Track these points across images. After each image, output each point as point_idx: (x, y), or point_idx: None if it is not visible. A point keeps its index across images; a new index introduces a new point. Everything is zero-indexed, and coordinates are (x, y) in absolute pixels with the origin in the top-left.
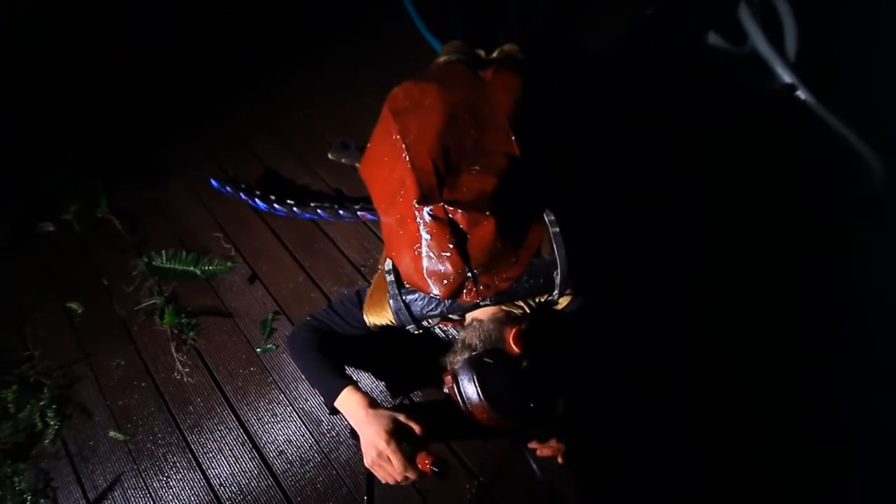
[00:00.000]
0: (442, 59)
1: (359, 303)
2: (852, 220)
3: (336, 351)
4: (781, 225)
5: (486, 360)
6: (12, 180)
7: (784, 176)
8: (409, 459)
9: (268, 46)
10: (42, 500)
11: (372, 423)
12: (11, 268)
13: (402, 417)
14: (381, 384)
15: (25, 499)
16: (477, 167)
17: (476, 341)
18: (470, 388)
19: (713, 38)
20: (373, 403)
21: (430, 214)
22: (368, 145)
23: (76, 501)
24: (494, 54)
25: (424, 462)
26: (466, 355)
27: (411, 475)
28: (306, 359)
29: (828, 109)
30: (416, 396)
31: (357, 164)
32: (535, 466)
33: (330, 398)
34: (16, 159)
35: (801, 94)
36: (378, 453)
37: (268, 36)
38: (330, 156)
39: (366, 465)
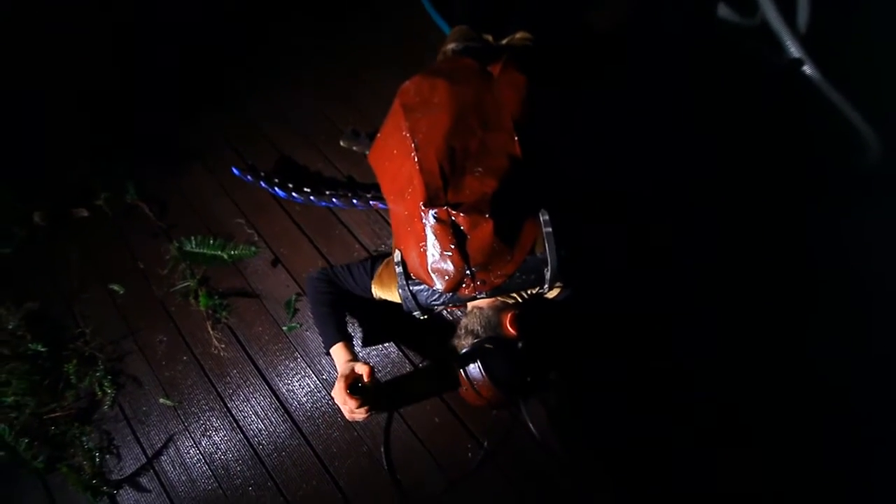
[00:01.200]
0: (450, 46)
1: (371, 273)
2: (851, 197)
3: (346, 306)
4: (780, 204)
5: (486, 346)
6: (44, 168)
7: (784, 152)
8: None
9: (274, 28)
10: (108, 457)
11: (346, 365)
12: (54, 252)
13: (357, 367)
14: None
15: (94, 455)
16: (480, 168)
17: (477, 327)
18: (475, 372)
19: (722, 10)
20: (351, 358)
21: (434, 217)
22: (378, 135)
23: (137, 457)
24: (504, 41)
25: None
26: (470, 340)
27: (351, 404)
28: (318, 309)
29: (832, 86)
30: (418, 361)
31: (367, 152)
32: (534, 431)
33: (326, 346)
34: (43, 148)
35: (808, 69)
36: (335, 390)
37: (274, 18)
38: (342, 143)
39: None
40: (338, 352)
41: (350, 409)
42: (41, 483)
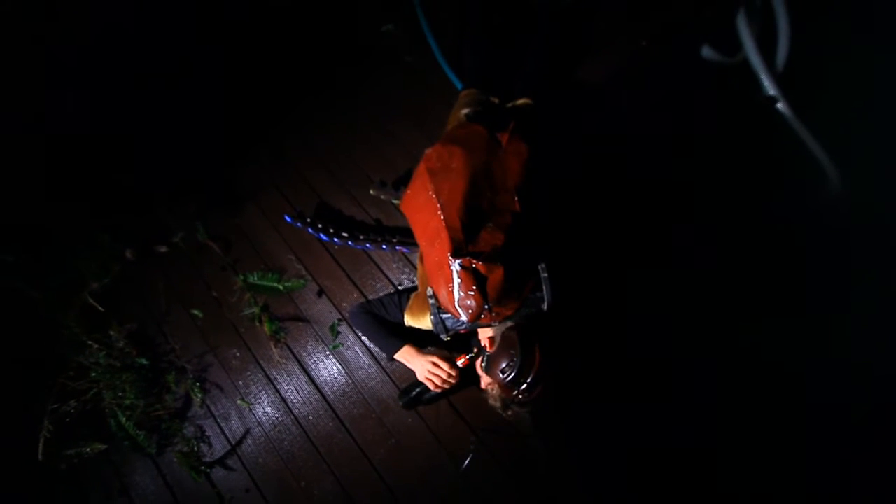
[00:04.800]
0: (463, 111)
1: (401, 307)
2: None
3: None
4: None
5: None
6: (130, 212)
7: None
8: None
9: (310, 79)
10: (202, 444)
11: (425, 354)
12: (143, 282)
13: (443, 353)
14: None
15: (193, 443)
16: (491, 224)
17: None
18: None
19: (706, 51)
20: (422, 350)
21: (459, 265)
22: (408, 191)
23: (224, 444)
24: (509, 105)
25: (462, 359)
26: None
27: (453, 372)
28: (372, 331)
29: (803, 123)
30: None
31: (394, 201)
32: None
33: (391, 352)
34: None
35: (781, 106)
36: (432, 365)
37: (310, 68)
38: (371, 192)
39: (420, 378)
40: (407, 351)
41: (451, 374)
42: (153, 464)
